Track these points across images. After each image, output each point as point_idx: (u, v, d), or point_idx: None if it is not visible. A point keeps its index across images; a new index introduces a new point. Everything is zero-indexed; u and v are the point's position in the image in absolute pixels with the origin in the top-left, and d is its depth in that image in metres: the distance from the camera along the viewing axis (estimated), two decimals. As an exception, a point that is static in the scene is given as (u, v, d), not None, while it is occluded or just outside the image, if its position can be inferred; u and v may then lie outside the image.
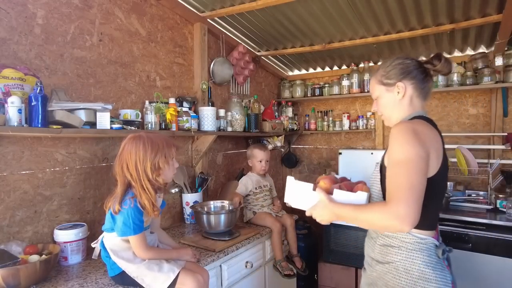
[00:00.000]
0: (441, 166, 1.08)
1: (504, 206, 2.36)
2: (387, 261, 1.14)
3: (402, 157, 1.00)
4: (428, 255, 1.09)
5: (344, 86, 3.26)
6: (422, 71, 1.19)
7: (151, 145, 1.38)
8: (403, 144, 1.01)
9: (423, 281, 1.07)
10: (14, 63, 1.45)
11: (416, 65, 1.19)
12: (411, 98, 1.19)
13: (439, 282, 1.07)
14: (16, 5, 1.47)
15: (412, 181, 0.96)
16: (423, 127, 1.08)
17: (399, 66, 1.19)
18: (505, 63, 2.63)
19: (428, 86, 1.20)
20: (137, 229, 1.33)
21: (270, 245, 2.17)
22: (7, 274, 1.21)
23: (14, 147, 1.47)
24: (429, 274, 1.07)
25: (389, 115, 1.25)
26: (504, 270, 2.18)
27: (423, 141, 1.02)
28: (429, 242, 1.10)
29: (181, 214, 2.35)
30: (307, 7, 2.26)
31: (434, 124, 1.17)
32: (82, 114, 1.51)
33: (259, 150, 2.37)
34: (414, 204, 0.95)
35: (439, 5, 2.16)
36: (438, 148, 1.08)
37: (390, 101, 1.21)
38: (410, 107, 1.20)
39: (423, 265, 1.08)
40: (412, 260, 1.09)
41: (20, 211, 1.50)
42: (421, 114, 1.18)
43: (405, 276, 1.09)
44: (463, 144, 2.86)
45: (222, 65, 2.65)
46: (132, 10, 1.99)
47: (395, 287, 1.11)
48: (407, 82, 1.18)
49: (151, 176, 1.37)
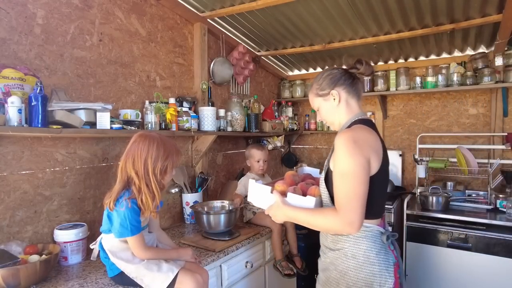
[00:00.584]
0: (381, 164, 1.22)
1: (504, 206, 2.36)
2: (337, 248, 1.29)
3: (346, 169, 1.16)
4: (372, 241, 1.24)
5: (344, 86, 3.26)
6: (349, 76, 1.35)
7: (164, 147, 1.40)
8: (347, 156, 1.16)
9: (368, 264, 1.23)
10: (14, 63, 1.45)
11: (342, 72, 1.35)
12: (347, 101, 1.34)
13: (381, 265, 1.23)
14: (16, 5, 1.47)
15: (357, 192, 1.14)
16: (363, 133, 1.22)
17: (328, 77, 1.35)
18: (505, 63, 2.63)
19: (358, 87, 1.36)
20: (134, 230, 1.33)
21: (270, 245, 2.17)
22: (7, 274, 1.21)
23: (14, 147, 1.47)
24: (373, 258, 1.23)
25: (332, 121, 1.39)
26: (504, 270, 2.18)
27: (363, 149, 1.17)
28: (374, 229, 1.25)
29: (181, 214, 2.35)
30: (307, 7, 2.26)
31: (373, 125, 1.32)
32: (82, 114, 1.51)
33: (256, 150, 2.38)
34: (360, 211, 1.14)
35: (439, 5, 2.16)
36: (378, 149, 1.22)
37: (330, 109, 1.36)
38: (348, 110, 1.34)
39: (368, 250, 1.23)
40: (358, 246, 1.24)
41: (20, 211, 1.50)
42: (360, 116, 1.33)
43: (352, 260, 1.25)
44: (463, 144, 2.86)
45: (222, 65, 2.65)
46: (132, 10, 1.99)
47: (344, 270, 1.26)
48: (338, 88, 1.33)
49: (159, 177, 1.38)
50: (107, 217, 1.39)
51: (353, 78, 1.35)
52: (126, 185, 1.39)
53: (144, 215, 1.38)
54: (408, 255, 2.50)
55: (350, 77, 1.34)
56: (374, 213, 1.26)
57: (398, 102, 3.30)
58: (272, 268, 2.17)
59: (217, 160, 2.75)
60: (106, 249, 1.39)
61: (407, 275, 2.51)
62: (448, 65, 2.91)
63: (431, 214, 2.43)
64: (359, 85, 1.36)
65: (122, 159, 1.40)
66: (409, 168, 3.25)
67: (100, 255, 1.45)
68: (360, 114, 1.34)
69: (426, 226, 2.42)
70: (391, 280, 1.23)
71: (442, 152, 3.05)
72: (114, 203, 1.34)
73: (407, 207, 2.52)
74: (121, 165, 1.39)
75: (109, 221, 1.37)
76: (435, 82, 2.84)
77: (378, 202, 1.26)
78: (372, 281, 1.22)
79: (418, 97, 3.19)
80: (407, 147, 3.25)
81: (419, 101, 3.19)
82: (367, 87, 3.13)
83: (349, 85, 1.33)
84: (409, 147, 3.24)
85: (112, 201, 1.34)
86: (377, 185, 1.21)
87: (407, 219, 2.50)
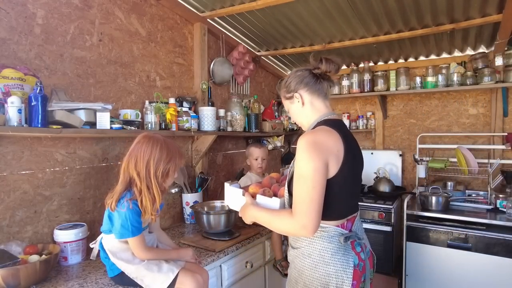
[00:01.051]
0: (341, 167, 1.21)
1: (504, 206, 2.36)
2: (296, 247, 1.32)
3: (303, 173, 1.16)
4: (328, 241, 1.24)
5: (344, 86, 3.26)
6: (312, 76, 1.33)
7: (167, 150, 1.40)
8: (304, 160, 1.17)
9: (322, 264, 1.23)
10: (14, 63, 1.45)
11: (305, 73, 1.34)
12: (311, 102, 1.34)
13: (337, 265, 1.22)
14: (16, 5, 1.47)
15: (312, 196, 1.14)
16: (323, 135, 1.22)
17: (293, 79, 1.35)
18: (505, 63, 2.63)
19: (322, 86, 1.34)
20: (135, 231, 1.33)
21: (270, 245, 2.17)
22: (7, 274, 1.21)
23: (14, 147, 1.47)
24: (328, 258, 1.23)
25: (300, 122, 1.41)
26: (504, 270, 2.18)
27: (321, 152, 1.17)
28: (330, 230, 1.25)
29: (181, 214, 2.35)
30: (307, 7, 2.26)
31: (339, 125, 1.30)
32: (82, 114, 1.51)
33: (255, 148, 2.39)
34: (315, 214, 1.14)
35: (439, 5, 2.16)
36: (338, 151, 1.21)
37: (296, 110, 1.38)
38: (314, 110, 1.34)
39: (322, 250, 1.24)
40: (313, 245, 1.26)
41: (20, 211, 1.50)
42: (326, 116, 1.32)
43: (308, 259, 1.26)
44: (463, 144, 2.86)
45: (222, 65, 2.65)
46: (132, 10, 1.99)
47: (301, 269, 1.28)
48: (301, 91, 1.33)
49: (160, 179, 1.38)
50: (108, 218, 1.38)
51: (317, 78, 1.33)
52: (128, 185, 1.38)
53: (144, 217, 1.38)
54: (408, 255, 2.50)
55: (314, 77, 1.33)
56: (332, 215, 1.25)
57: (398, 102, 3.30)
58: (272, 268, 2.17)
59: (217, 160, 2.75)
60: (106, 249, 1.39)
61: (407, 275, 2.51)
62: (448, 65, 2.91)
63: (431, 214, 2.43)
64: (324, 85, 1.34)
65: (125, 159, 1.40)
66: (409, 168, 3.25)
67: (100, 255, 1.45)
68: (327, 114, 1.33)
69: (426, 226, 2.42)
70: (348, 281, 1.20)
71: (442, 152, 3.05)
72: (116, 203, 1.34)
73: (407, 207, 2.52)
74: (124, 166, 1.39)
75: (110, 222, 1.37)
76: (435, 82, 2.84)
77: (338, 204, 1.26)
78: (327, 282, 1.22)
79: (418, 97, 3.19)
80: (407, 147, 3.25)
81: (419, 101, 3.19)
82: (367, 87, 3.13)
83: (312, 86, 1.32)
84: (409, 147, 3.24)
85: (114, 202, 1.34)
86: (336, 187, 1.21)
87: (407, 219, 2.50)
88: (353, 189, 1.33)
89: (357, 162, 1.32)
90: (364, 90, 3.16)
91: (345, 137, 1.25)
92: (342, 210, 1.29)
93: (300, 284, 1.28)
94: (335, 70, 1.31)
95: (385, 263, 2.65)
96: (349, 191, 1.29)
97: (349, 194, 1.30)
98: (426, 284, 2.44)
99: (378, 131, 3.35)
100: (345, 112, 3.49)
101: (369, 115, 3.35)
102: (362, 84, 3.17)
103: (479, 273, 2.25)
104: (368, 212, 2.73)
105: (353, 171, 1.29)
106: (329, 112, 1.34)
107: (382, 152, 3.30)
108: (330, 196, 1.19)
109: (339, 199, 1.25)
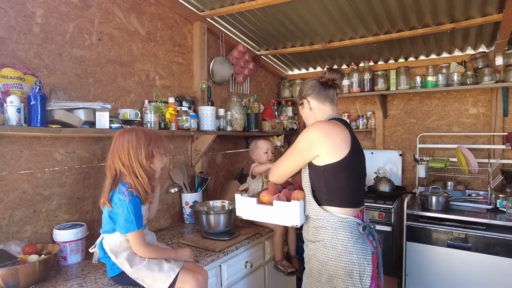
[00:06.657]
0: (351, 151, 1.37)
1: (504, 206, 2.36)
2: (317, 240, 1.40)
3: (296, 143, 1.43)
4: (349, 231, 1.35)
5: (344, 86, 3.25)
6: (319, 84, 1.53)
7: (144, 134, 1.43)
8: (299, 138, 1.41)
9: (346, 253, 1.33)
10: (13, 62, 1.45)
11: (313, 82, 1.55)
12: (318, 107, 1.54)
13: (359, 254, 1.33)
14: (15, 4, 1.47)
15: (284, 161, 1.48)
16: (331, 124, 1.42)
17: (303, 87, 1.58)
18: (505, 63, 2.63)
19: (329, 93, 1.53)
20: (139, 223, 1.35)
21: (270, 245, 2.16)
22: (6, 274, 1.20)
23: (13, 147, 1.47)
24: (351, 247, 1.33)
25: (309, 124, 1.57)
26: (504, 270, 2.18)
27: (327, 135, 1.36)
28: (350, 220, 1.37)
29: (180, 214, 2.34)
30: (307, 6, 2.25)
31: (345, 123, 1.49)
32: (81, 114, 1.51)
33: (263, 141, 2.31)
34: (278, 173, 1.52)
35: (439, 5, 2.15)
36: (346, 138, 1.39)
37: (306, 114, 1.60)
38: (322, 113, 1.54)
39: (345, 240, 1.34)
40: (336, 236, 1.35)
41: (19, 210, 1.50)
42: (333, 117, 1.51)
43: (332, 250, 1.35)
44: (463, 144, 2.85)
45: (221, 65, 2.65)
46: (132, 9, 1.99)
47: (324, 260, 1.36)
48: (309, 97, 1.55)
49: (145, 162, 1.39)
50: (108, 217, 1.38)
51: (323, 85, 1.52)
52: (115, 180, 1.39)
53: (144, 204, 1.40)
54: (408, 255, 2.50)
55: (320, 85, 1.52)
56: (347, 203, 1.38)
57: (398, 101, 3.29)
58: (272, 268, 2.16)
59: (216, 160, 2.75)
60: (107, 249, 1.39)
61: (407, 275, 2.50)
62: (448, 64, 2.91)
63: (431, 214, 2.43)
64: (330, 91, 1.53)
65: (108, 158, 1.42)
66: (409, 168, 3.25)
67: (100, 255, 1.45)
68: (333, 115, 1.52)
69: (426, 226, 2.42)
70: (369, 268, 1.32)
71: (442, 152, 3.05)
72: (109, 200, 1.35)
73: (407, 207, 2.52)
74: (108, 163, 1.41)
75: (111, 220, 1.37)
76: (435, 81, 2.84)
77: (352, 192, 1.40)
78: (351, 269, 1.31)
79: (418, 96, 3.18)
80: (407, 147, 3.25)
81: (419, 100, 3.19)
82: (367, 86, 3.13)
83: (317, 93, 1.52)
84: (409, 147, 3.24)
85: (106, 200, 1.35)
86: (348, 169, 1.36)
87: (407, 219, 2.50)
88: (361, 175, 1.48)
89: (361, 153, 1.48)
90: (364, 89, 3.16)
91: (350, 130, 1.43)
92: (356, 197, 1.42)
93: (324, 275, 1.36)
94: (338, 77, 1.52)
95: (385, 263, 2.62)
96: (358, 176, 1.44)
97: (357, 181, 1.43)
98: (426, 284, 2.44)
99: (378, 131, 3.35)
100: (345, 111, 3.49)
101: (369, 114, 3.35)
102: (362, 83, 3.16)
103: (479, 273, 2.25)
104: (368, 212, 2.72)
105: (359, 161, 1.45)
106: (334, 114, 1.53)
107: (382, 152, 3.29)
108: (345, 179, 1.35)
109: (353, 184, 1.39)
